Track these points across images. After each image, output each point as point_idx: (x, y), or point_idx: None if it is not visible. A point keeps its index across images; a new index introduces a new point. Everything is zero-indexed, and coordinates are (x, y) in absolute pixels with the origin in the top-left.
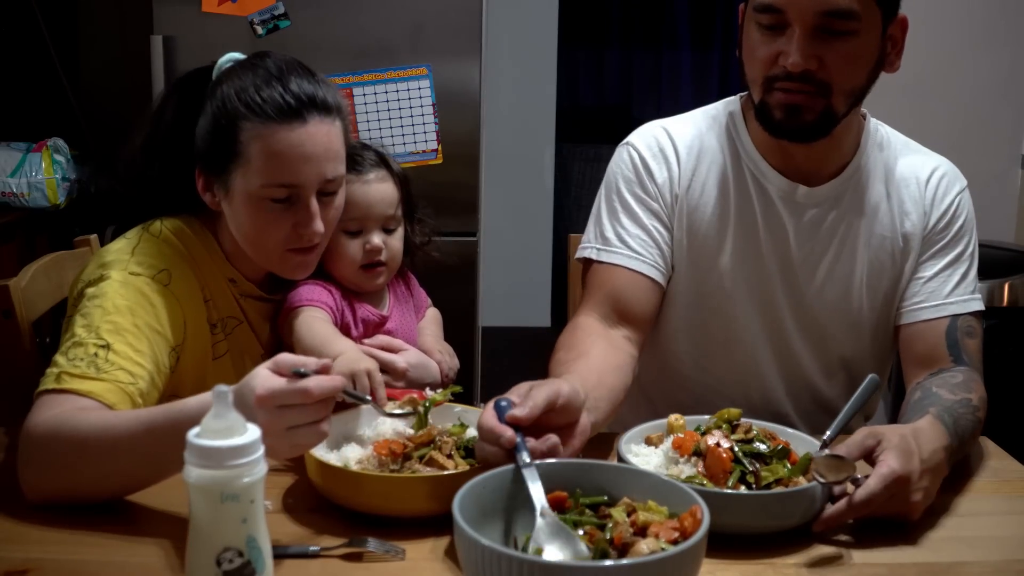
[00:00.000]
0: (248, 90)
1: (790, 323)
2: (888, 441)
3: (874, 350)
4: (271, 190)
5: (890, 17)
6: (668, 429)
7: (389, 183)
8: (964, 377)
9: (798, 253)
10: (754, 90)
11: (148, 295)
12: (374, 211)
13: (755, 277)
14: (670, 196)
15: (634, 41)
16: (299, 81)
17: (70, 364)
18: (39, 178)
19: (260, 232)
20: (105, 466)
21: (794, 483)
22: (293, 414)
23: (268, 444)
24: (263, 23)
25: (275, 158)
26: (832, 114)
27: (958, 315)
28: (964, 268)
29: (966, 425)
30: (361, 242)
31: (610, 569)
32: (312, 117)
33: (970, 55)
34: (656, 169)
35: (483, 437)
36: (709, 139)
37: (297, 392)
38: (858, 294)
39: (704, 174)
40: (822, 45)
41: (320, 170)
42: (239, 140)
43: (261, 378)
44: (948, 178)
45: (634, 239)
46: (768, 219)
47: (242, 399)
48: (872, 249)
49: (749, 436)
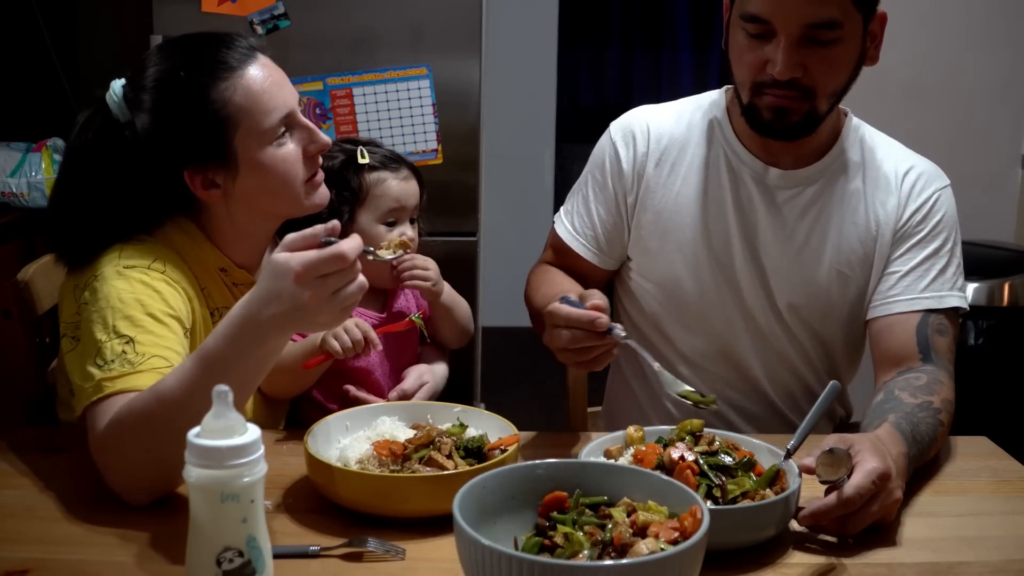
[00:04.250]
0: (199, 65)
1: (757, 301)
2: (860, 444)
3: (847, 339)
4: (275, 127)
5: (870, 18)
6: (627, 441)
7: (415, 181)
8: (928, 379)
9: (766, 233)
10: (742, 91)
11: (149, 283)
12: (409, 204)
13: (723, 255)
14: (632, 176)
15: (634, 41)
16: (227, 35)
17: (103, 371)
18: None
19: (284, 178)
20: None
21: (761, 496)
22: (334, 279)
23: (322, 320)
24: (263, 23)
25: (261, 95)
26: (816, 114)
27: (931, 311)
28: (941, 264)
29: (926, 430)
30: (397, 234)
31: (610, 569)
32: (259, 55)
33: (970, 55)
34: (623, 151)
35: (569, 324)
36: (689, 122)
37: (335, 258)
38: (826, 278)
39: (674, 154)
40: (807, 54)
41: (292, 91)
42: (221, 107)
43: (290, 259)
44: (927, 175)
45: (577, 216)
46: (738, 198)
47: (278, 290)
48: (843, 235)
49: (713, 448)
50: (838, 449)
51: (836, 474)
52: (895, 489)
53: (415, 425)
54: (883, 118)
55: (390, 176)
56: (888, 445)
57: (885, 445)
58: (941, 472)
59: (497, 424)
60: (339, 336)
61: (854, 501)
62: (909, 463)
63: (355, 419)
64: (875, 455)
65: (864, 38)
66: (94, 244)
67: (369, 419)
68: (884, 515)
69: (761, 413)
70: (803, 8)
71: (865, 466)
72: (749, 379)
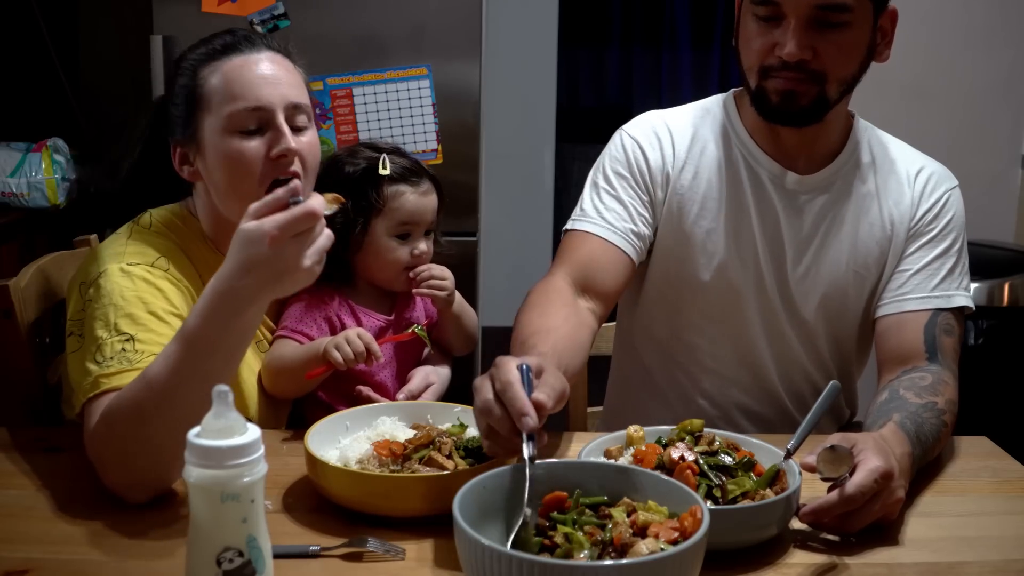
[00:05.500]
0: (199, 48)
1: (779, 304)
2: (863, 442)
3: (861, 337)
4: (238, 119)
5: (881, 9)
6: (627, 441)
7: (434, 193)
8: (933, 379)
9: (787, 236)
10: (750, 77)
11: (152, 281)
12: (425, 218)
13: (746, 258)
14: (661, 177)
15: (634, 41)
16: (243, 30)
17: (102, 367)
18: (39, 178)
19: (236, 170)
20: (172, 404)
21: (761, 496)
22: (307, 236)
23: (299, 278)
24: (263, 23)
25: (235, 82)
26: (825, 100)
27: (940, 310)
28: (950, 264)
29: (929, 430)
30: (409, 247)
31: (610, 569)
32: (263, 49)
33: (970, 55)
34: (650, 151)
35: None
36: (703, 126)
37: (307, 215)
38: (844, 280)
39: (697, 157)
40: (816, 36)
41: (282, 91)
42: (198, 85)
43: (261, 224)
44: (937, 175)
45: (610, 212)
46: (759, 201)
47: (253, 258)
48: (859, 236)
49: (713, 448)
50: (840, 446)
51: (837, 471)
52: (897, 488)
53: (415, 425)
54: (884, 118)
55: (409, 190)
56: (892, 444)
57: (889, 444)
58: (942, 472)
59: None
60: (341, 347)
61: (856, 499)
62: (913, 463)
63: (355, 419)
64: (878, 454)
65: (874, 30)
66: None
67: (369, 419)
68: (886, 514)
69: (771, 416)
70: None
71: (868, 464)
72: (763, 381)
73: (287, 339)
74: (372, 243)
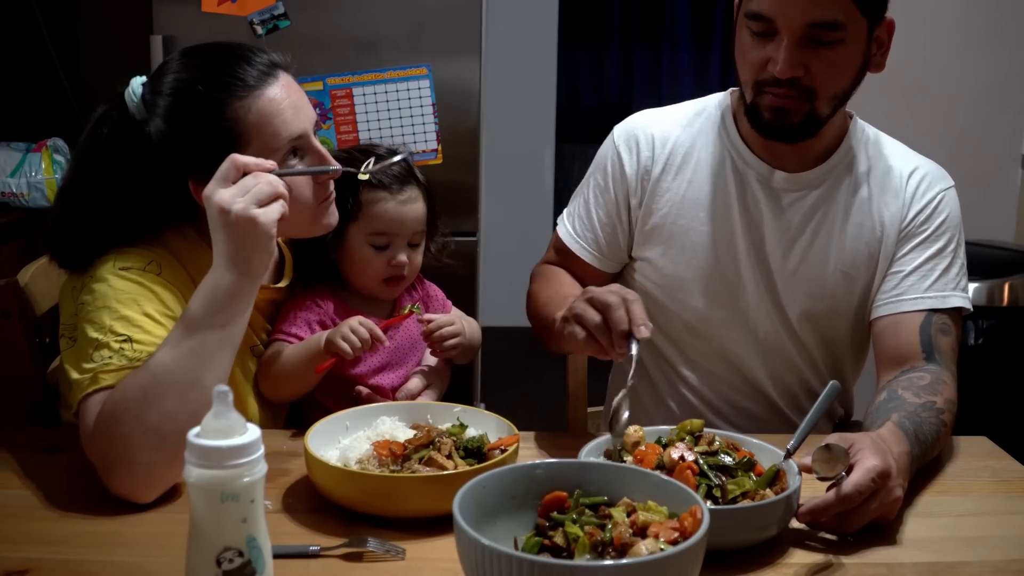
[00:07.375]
0: (218, 80)
1: (767, 302)
2: (861, 442)
3: (853, 339)
4: (283, 150)
5: (876, 22)
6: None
7: (420, 201)
8: (932, 379)
9: (772, 235)
10: (746, 91)
11: (146, 284)
12: (405, 228)
13: (728, 258)
14: (636, 182)
15: (634, 41)
16: (251, 50)
17: (101, 364)
18: (39, 178)
19: (293, 198)
20: (178, 388)
21: (761, 496)
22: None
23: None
24: (263, 23)
25: (277, 115)
26: (816, 117)
27: (935, 311)
28: (944, 264)
29: (929, 430)
30: (387, 257)
31: (610, 569)
32: (280, 73)
33: (970, 55)
34: (626, 157)
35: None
36: (692, 126)
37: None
38: (831, 280)
39: (681, 157)
40: (809, 54)
41: (310, 113)
42: (235, 122)
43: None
44: (931, 176)
45: (578, 219)
46: (744, 201)
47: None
48: (848, 237)
49: (713, 448)
50: (835, 445)
51: (833, 470)
52: (895, 488)
53: (415, 425)
54: (883, 118)
55: (387, 197)
56: (890, 444)
57: (887, 444)
58: (942, 472)
59: (497, 424)
60: (347, 336)
61: (853, 498)
62: (912, 462)
63: (355, 419)
64: (875, 453)
65: (869, 43)
66: (93, 248)
67: (369, 419)
68: (884, 514)
69: (762, 413)
70: (806, 7)
71: (865, 464)
72: (751, 380)
73: (283, 342)
74: (350, 250)
